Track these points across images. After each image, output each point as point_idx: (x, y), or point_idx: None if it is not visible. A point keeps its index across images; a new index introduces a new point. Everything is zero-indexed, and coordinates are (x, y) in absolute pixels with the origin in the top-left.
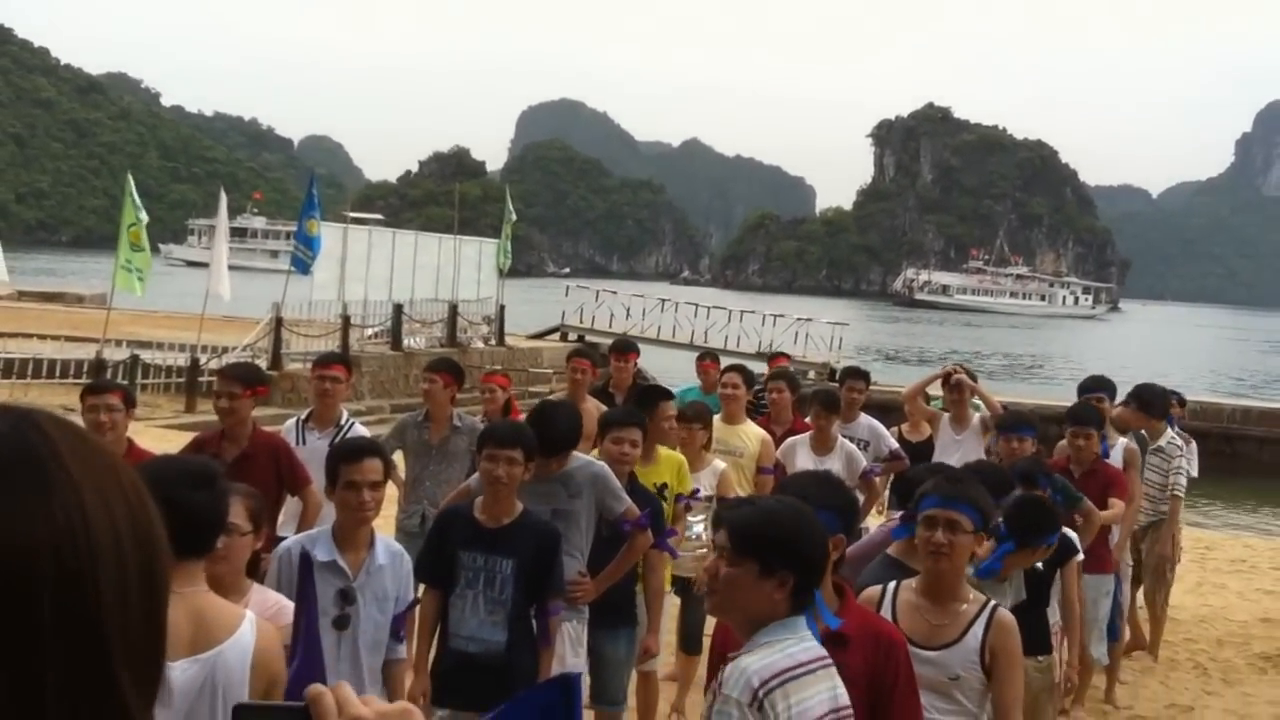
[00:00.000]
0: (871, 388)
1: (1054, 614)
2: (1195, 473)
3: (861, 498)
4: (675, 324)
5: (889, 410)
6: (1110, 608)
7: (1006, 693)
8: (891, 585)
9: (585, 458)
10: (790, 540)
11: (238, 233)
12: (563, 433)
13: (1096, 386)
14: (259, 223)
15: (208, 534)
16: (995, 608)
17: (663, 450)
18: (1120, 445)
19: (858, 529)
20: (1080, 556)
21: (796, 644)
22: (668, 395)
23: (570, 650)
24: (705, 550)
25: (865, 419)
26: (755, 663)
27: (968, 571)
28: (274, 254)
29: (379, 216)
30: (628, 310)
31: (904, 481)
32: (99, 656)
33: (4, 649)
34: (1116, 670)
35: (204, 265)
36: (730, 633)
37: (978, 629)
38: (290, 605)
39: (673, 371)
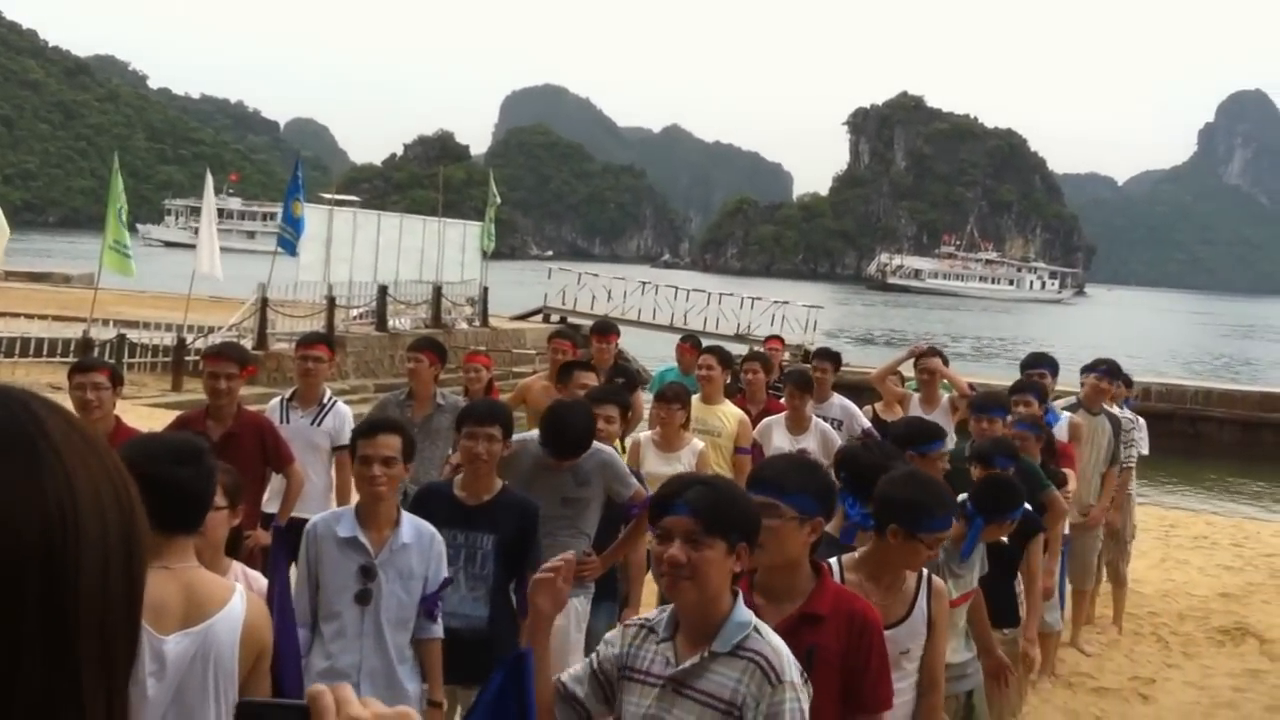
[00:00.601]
0: (846, 369)
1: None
2: (1145, 450)
3: None
4: (655, 306)
5: (862, 391)
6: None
7: (935, 653)
8: (834, 563)
9: (593, 444)
10: (749, 516)
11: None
12: (577, 437)
13: (1038, 363)
14: (235, 203)
15: (196, 510)
16: (930, 577)
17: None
18: (1065, 419)
19: (834, 510)
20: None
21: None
22: (585, 366)
23: (574, 626)
24: None
25: (839, 399)
26: (778, 641)
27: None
28: (250, 234)
29: (356, 199)
30: (609, 292)
31: (850, 460)
32: (72, 637)
33: None
34: (1057, 643)
35: (181, 245)
36: None
37: (921, 602)
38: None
39: (653, 352)
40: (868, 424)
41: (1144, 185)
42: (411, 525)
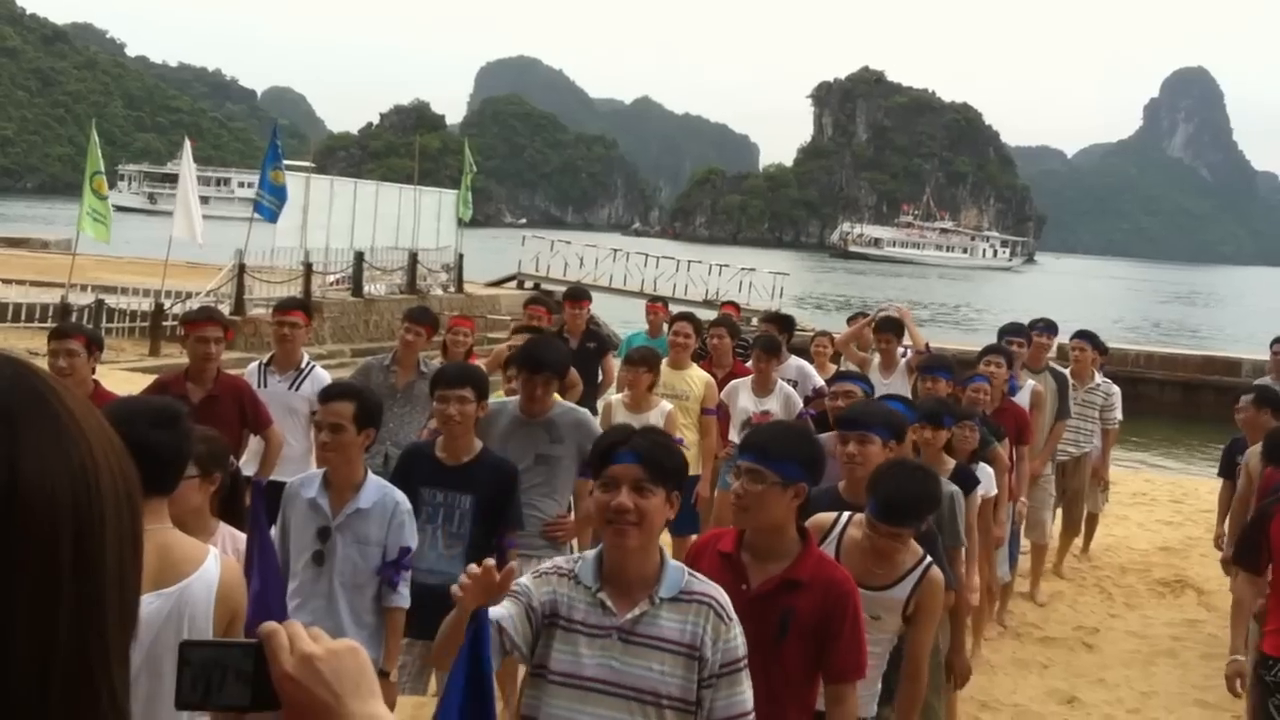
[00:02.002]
0: (808, 332)
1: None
2: (1120, 417)
3: None
4: (626, 273)
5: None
6: (1009, 532)
7: (920, 642)
8: (844, 517)
9: (567, 404)
10: (682, 466)
11: (168, 179)
12: (551, 357)
13: (1015, 331)
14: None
15: (171, 472)
16: (930, 565)
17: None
18: (1028, 386)
19: (821, 477)
20: (991, 491)
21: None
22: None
23: None
24: None
25: (794, 360)
26: (712, 583)
27: None
28: (204, 200)
29: (310, 164)
30: (581, 260)
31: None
32: (101, 593)
33: (28, 589)
34: (1009, 595)
35: (134, 210)
36: (707, 557)
37: (909, 582)
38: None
39: (624, 317)
40: (820, 383)
41: (1092, 158)
42: (375, 492)
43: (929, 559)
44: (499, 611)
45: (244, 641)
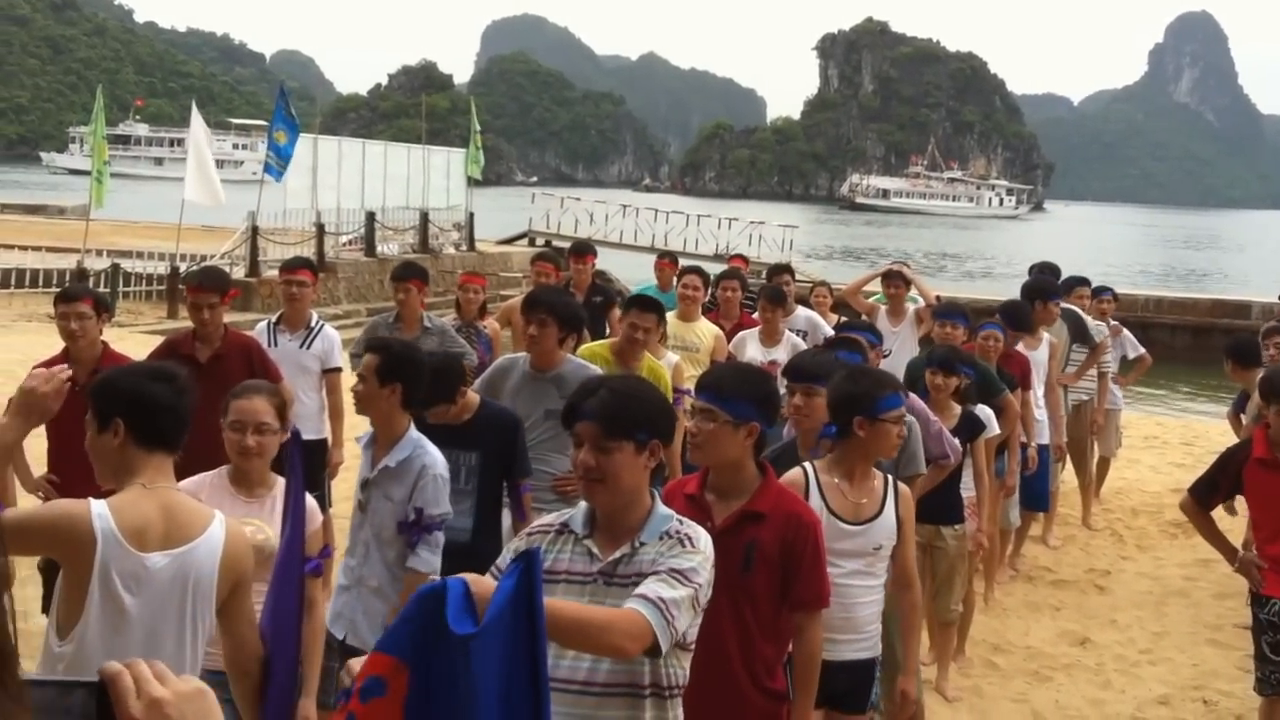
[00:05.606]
0: (808, 283)
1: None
2: (1131, 355)
3: None
4: (637, 228)
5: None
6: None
7: (907, 553)
8: (810, 468)
9: (579, 360)
10: (656, 413)
11: (121, 140)
12: (549, 299)
13: (1048, 291)
14: (142, 130)
15: (175, 428)
16: (896, 480)
17: (649, 359)
18: (1045, 340)
19: (775, 417)
20: (993, 433)
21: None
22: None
23: None
24: None
25: (803, 311)
26: (701, 529)
27: None
28: (158, 161)
29: (261, 123)
30: (591, 216)
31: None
32: None
33: None
34: (1022, 539)
35: (85, 174)
36: (676, 500)
37: (891, 502)
38: (317, 510)
39: (635, 274)
40: (831, 333)
41: (1098, 104)
42: (405, 450)
43: (890, 477)
44: None
45: (87, 681)
